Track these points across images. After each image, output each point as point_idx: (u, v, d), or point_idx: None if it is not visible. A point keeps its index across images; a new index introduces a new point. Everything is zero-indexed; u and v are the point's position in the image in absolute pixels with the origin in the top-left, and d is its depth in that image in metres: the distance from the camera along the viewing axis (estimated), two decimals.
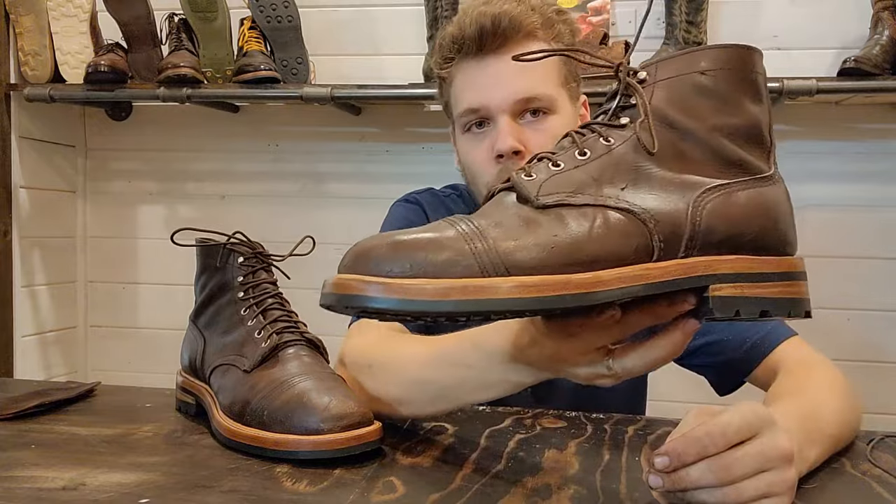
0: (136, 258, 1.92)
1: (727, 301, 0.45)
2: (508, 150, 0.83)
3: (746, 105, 0.48)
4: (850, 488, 0.56)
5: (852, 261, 1.66)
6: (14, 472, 0.56)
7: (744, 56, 0.49)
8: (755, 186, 0.48)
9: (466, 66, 0.86)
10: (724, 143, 0.48)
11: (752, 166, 0.48)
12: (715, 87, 0.48)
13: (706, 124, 0.48)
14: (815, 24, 1.63)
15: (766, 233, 0.47)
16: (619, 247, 0.45)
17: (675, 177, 0.47)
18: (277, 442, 0.59)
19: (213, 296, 0.74)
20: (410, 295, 0.42)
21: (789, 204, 0.50)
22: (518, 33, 0.83)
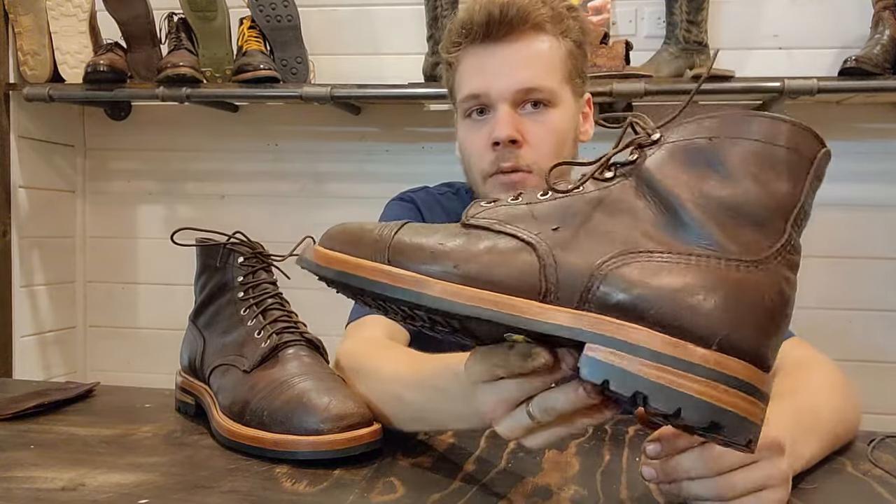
0: (135, 258, 1.92)
1: (595, 365, 0.40)
2: (505, 139, 0.83)
3: (756, 184, 0.42)
4: (850, 488, 0.56)
5: (853, 261, 1.66)
6: (13, 472, 0.56)
7: (780, 131, 0.44)
8: (713, 267, 0.41)
9: (472, 52, 0.87)
10: (701, 217, 0.42)
11: (726, 247, 0.41)
12: (717, 157, 0.43)
13: (689, 193, 0.42)
14: (815, 23, 1.63)
15: (693, 315, 0.40)
16: (513, 276, 0.43)
17: (611, 231, 0.43)
18: (277, 442, 0.59)
19: (212, 296, 0.73)
20: (319, 260, 0.49)
21: (774, 305, 0.41)
22: (525, 24, 0.84)
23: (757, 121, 0.44)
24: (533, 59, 0.84)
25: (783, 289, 0.42)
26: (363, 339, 0.80)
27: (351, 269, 0.47)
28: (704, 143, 0.44)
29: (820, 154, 0.46)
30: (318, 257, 0.49)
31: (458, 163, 0.96)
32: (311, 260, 0.50)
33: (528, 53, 0.85)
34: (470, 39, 0.86)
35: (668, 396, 0.39)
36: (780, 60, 1.64)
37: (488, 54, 0.85)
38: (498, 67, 0.85)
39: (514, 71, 0.84)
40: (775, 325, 0.41)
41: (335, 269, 0.48)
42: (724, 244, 0.41)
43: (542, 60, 0.84)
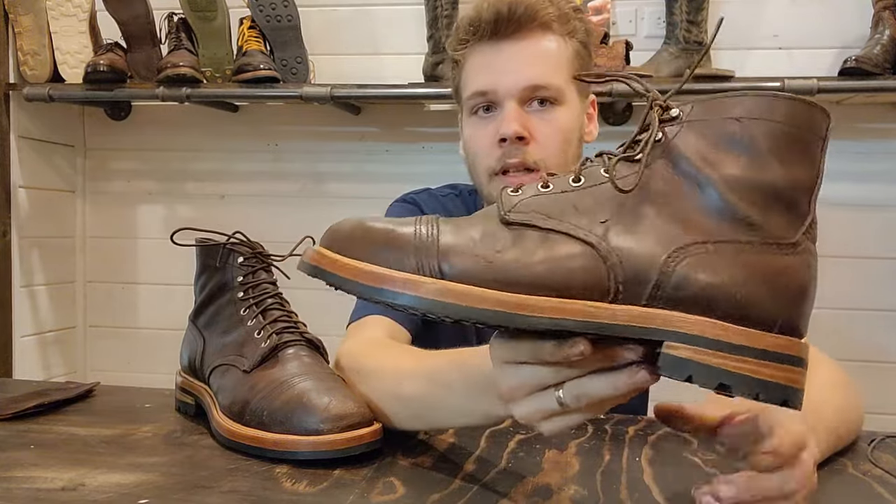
0: (135, 258, 1.92)
1: (678, 363, 0.41)
2: (512, 135, 0.83)
3: (783, 165, 0.44)
4: (850, 488, 0.56)
5: (853, 260, 1.66)
6: (13, 472, 0.56)
7: (798, 112, 0.45)
8: (761, 252, 0.43)
9: (480, 50, 0.87)
10: (736, 199, 0.43)
11: (766, 230, 0.43)
12: (747, 139, 0.44)
13: (723, 176, 0.44)
14: (815, 23, 1.63)
15: (754, 303, 0.42)
16: (567, 278, 0.42)
17: (664, 223, 0.43)
18: (277, 442, 0.59)
19: (212, 296, 0.73)
20: (348, 274, 0.44)
21: (808, 282, 0.44)
22: (533, 22, 0.84)
23: (780, 102, 0.45)
24: (540, 57, 0.85)
25: (812, 264, 0.45)
26: (364, 339, 0.80)
27: (399, 287, 0.42)
28: (732, 123, 0.44)
29: (829, 129, 0.48)
30: (339, 268, 0.44)
31: (460, 162, 0.96)
32: (330, 271, 0.44)
33: (535, 51, 0.85)
34: (478, 37, 0.86)
35: (749, 385, 0.41)
36: (780, 60, 1.64)
37: (496, 52, 0.85)
38: (505, 65, 0.85)
39: (521, 68, 0.84)
40: (811, 299, 0.45)
41: (368, 283, 0.43)
42: (764, 228, 0.43)
43: (550, 59, 0.85)
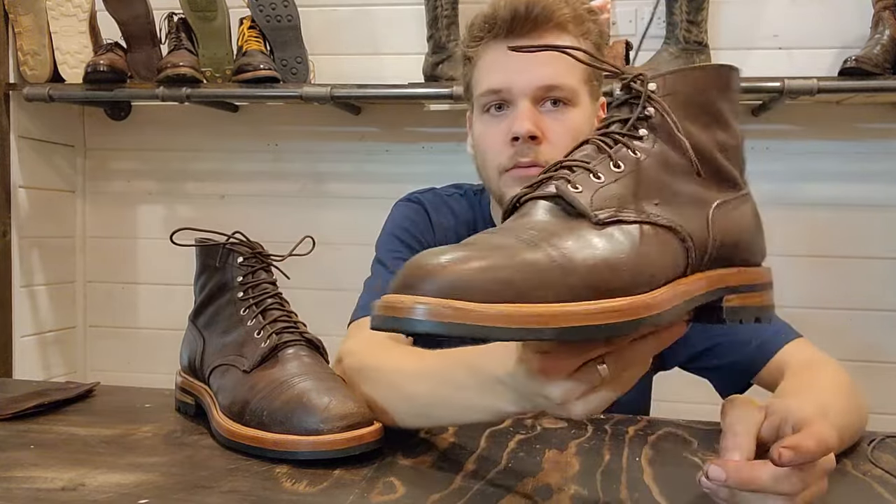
0: (135, 258, 1.92)
1: (737, 311, 0.49)
2: (525, 134, 0.82)
3: (734, 123, 0.52)
4: (850, 488, 0.56)
5: (852, 261, 1.66)
6: (13, 472, 0.56)
7: (729, 75, 0.52)
8: (742, 203, 0.51)
9: (494, 48, 0.87)
10: (721, 159, 0.50)
11: (738, 183, 0.51)
12: (713, 105, 0.50)
13: (710, 140, 0.50)
14: (815, 23, 1.63)
15: (750, 246, 0.51)
16: (669, 264, 0.45)
17: (692, 192, 0.48)
18: (277, 442, 0.59)
19: (212, 296, 0.73)
20: (499, 322, 0.38)
21: (759, 217, 0.53)
22: (549, 22, 0.84)
23: (727, 72, 0.52)
24: (555, 58, 0.83)
25: (754, 202, 0.54)
26: (366, 338, 0.80)
27: (578, 321, 0.39)
28: (700, 94, 0.50)
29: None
30: (517, 318, 0.38)
31: (461, 162, 0.96)
32: (472, 322, 0.38)
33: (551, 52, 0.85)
34: (493, 34, 0.86)
35: (767, 313, 0.51)
36: (780, 60, 1.64)
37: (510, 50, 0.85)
38: (521, 63, 0.84)
39: (536, 68, 0.84)
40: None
41: (560, 326, 0.39)
42: (738, 182, 0.51)
43: (564, 60, 0.84)
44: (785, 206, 1.67)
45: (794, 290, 1.65)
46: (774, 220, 1.67)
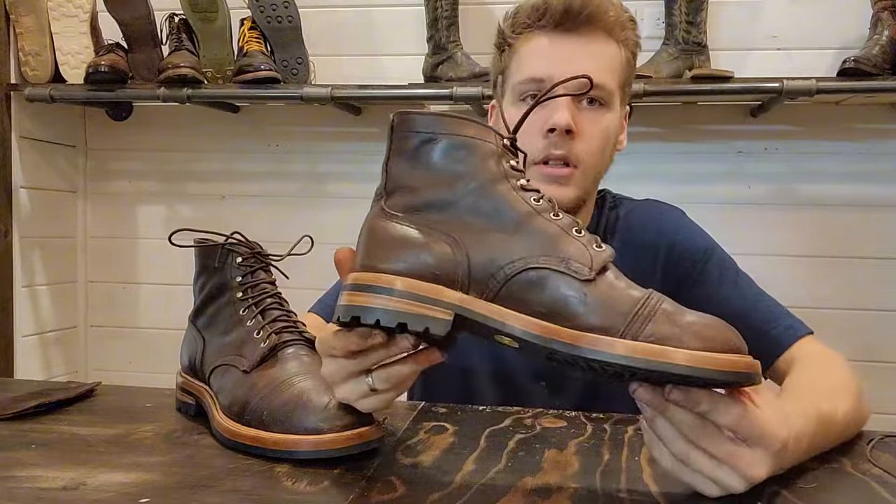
0: (136, 258, 1.92)
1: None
2: (563, 127, 0.82)
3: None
4: (850, 488, 0.56)
5: (852, 261, 1.66)
6: (14, 472, 0.56)
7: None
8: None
9: (540, 38, 0.87)
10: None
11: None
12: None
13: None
14: (815, 24, 1.63)
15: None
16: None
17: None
18: (277, 442, 0.59)
19: (211, 296, 0.73)
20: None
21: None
22: (598, 22, 0.85)
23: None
24: (600, 57, 0.85)
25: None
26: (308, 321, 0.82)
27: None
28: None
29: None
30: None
31: None
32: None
33: (596, 50, 0.85)
34: (541, 25, 0.86)
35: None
36: (779, 61, 1.64)
37: (558, 42, 0.85)
38: (566, 57, 0.84)
39: (581, 64, 0.84)
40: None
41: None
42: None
43: (607, 61, 0.86)
44: (784, 207, 1.67)
45: (794, 290, 1.65)
46: (774, 220, 1.68)
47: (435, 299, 0.50)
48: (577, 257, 0.50)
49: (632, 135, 1.71)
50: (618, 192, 1.03)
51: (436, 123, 0.54)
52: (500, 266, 0.50)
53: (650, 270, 0.92)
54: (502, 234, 0.51)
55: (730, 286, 0.90)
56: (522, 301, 0.49)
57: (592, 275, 0.49)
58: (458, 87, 1.52)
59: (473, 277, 0.50)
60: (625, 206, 0.98)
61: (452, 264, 0.50)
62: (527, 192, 0.54)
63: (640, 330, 0.47)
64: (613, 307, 0.48)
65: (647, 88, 1.46)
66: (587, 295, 0.49)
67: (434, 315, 0.49)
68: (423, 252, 0.51)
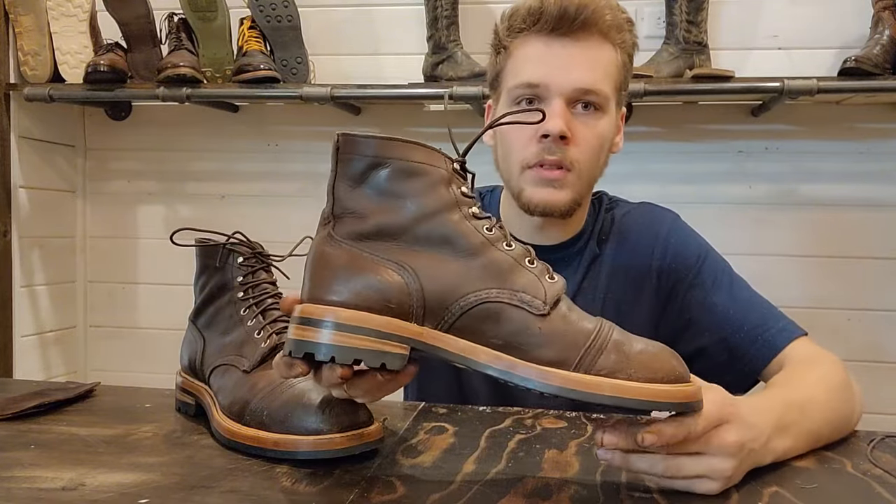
0: (135, 258, 1.92)
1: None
2: (557, 133, 0.82)
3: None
4: (850, 488, 0.56)
5: (852, 261, 1.66)
6: (13, 472, 0.56)
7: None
8: None
9: (535, 41, 0.86)
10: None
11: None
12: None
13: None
14: (815, 23, 1.63)
15: None
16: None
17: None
18: (277, 442, 0.59)
19: (212, 296, 0.73)
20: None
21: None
22: (595, 27, 0.84)
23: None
24: (595, 62, 0.85)
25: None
26: None
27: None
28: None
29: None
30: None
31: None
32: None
33: (591, 55, 0.85)
34: (536, 28, 0.86)
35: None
36: (779, 60, 1.64)
37: (554, 46, 0.85)
38: (561, 62, 0.84)
39: (576, 69, 0.84)
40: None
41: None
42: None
43: (602, 65, 0.85)
44: (784, 207, 1.67)
45: (794, 290, 1.66)
46: (774, 220, 1.68)
47: (390, 333, 0.49)
48: (530, 290, 0.50)
49: (632, 134, 1.72)
50: (614, 195, 1.03)
51: (382, 147, 0.52)
52: (456, 298, 0.50)
53: (645, 273, 0.92)
54: (456, 265, 0.51)
55: (724, 290, 0.90)
56: (478, 332, 0.50)
57: (546, 309, 0.50)
58: (457, 87, 1.52)
59: (428, 308, 0.50)
60: (620, 209, 0.98)
61: (406, 295, 0.50)
62: (479, 221, 0.53)
63: (592, 363, 0.48)
64: (567, 341, 0.49)
65: (648, 88, 1.46)
66: (542, 329, 0.49)
67: (390, 350, 0.49)
68: (375, 282, 0.50)
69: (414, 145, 0.52)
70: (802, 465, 0.61)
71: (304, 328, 0.50)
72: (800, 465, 0.61)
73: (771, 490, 0.54)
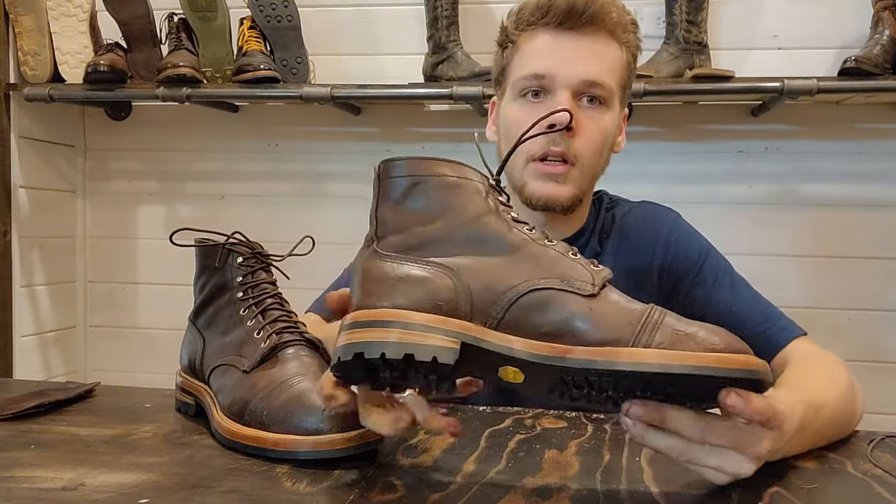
0: (135, 258, 1.92)
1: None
2: (564, 124, 0.82)
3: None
4: (850, 488, 0.56)
5: (852, 261, 1.66)
6: (13, 472, 0.56)
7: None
8: None
9: (542, 35, 0.87)
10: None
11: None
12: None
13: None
14: (815, 23, 1.63)
15: None
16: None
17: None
18: (277, 442, 0.59)
19: (212, 296, 0.73)
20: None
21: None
22: (601, 22, 0.86)
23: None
24: (601, 56, 0.86)
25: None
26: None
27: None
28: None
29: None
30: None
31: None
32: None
33: (598, 50, 0.86)
34: (544, 22, 0.87)
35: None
36: (779, 60, 1.64)
37: (561, 40, 0.86)
38: (569, 54, 0.85)
39: (583, 62, 0.85)
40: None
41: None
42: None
43: (608, 60, 0.87)
44: (784, 207, 1.67)
45: (795, 290, 1.66)
46: (774, 220, 1.68)
47: (440, 328, 0.49)
48: (577, 275, 0.50)
49: (632, 134, 1.72)
50: (615, 194, 1.03)
51: (422, 167, 0.54)
52: (502, 291, 0.49)
53: (646, 272, 0.92)
54: (501, 262, 0.51)
55: (725, 289, 0.90)
56: (527, 324, 0.49)
57: (596, 290, 0.49)
58: (457, 87, 1.52)
59: (476, 307, 0.50)
60: (621, 208, 0.99)
61: (454, 294, 0.50)
62: (519, 224, 0.54)
63: (650, 339, 0.47)
64: (620, 320, 0.48)
65: (648, 88, 1.46)
66: (592, 310, 0.48)
67: (441, 344, 0.48)
68: (424, 285, 0.50)
69: (453, 163, 0.54)
70: (802, 465, 0.61)
71: (355, 331, 0.50)
72: (800, 465, 0.61)
73: (771, 490, 0.54)
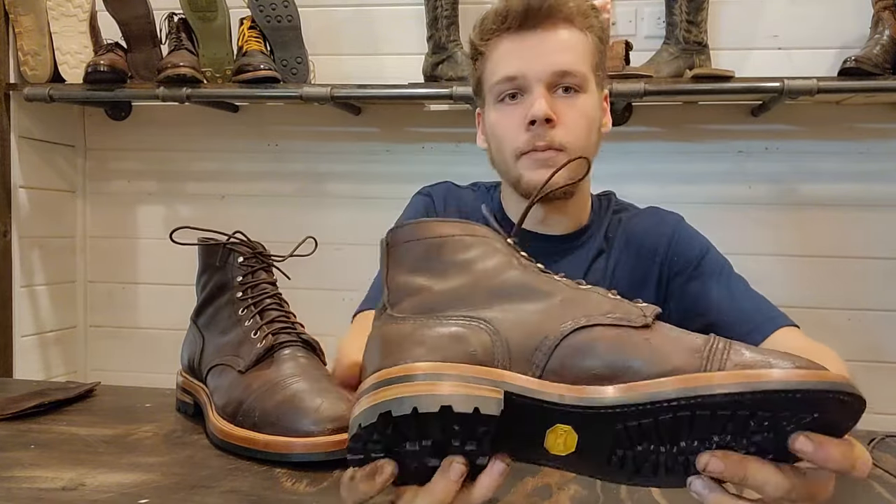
0: (135, 258, 1.92)
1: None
2: (543, 116, 0.85)
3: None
4: (850, 488, 0.56)
5: (852, 261, 1.66)
6: (14, 472, 0.56)
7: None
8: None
9: (508, 39, 0.90)
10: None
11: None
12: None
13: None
14: (815, 23, 1.63)
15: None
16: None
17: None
18: (268, 444, 0.59)
19: (212, 295, 0.73)
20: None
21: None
22: (559, 14, 0.88)
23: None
24: (566, 46, 0.89)
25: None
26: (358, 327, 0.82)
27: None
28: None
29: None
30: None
31: (461, 163, 0.98)
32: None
33: (562, 40, 0.89)
34: (505, 27, 0.90)
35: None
36: (779, 60, 1.64)
37: (525, 39, 0.89)
38: (535, 51, 0.88)
39: (550, 55, 0.88)
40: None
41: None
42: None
43: (574, 48, 0.89)
44: (785, 207, 1.67)
45: (794, 290, 1.65)
46: (774, 220, 1.68)
47: (480, 377, 0.41)
48: (623, 310, 0.44)
49: (632, 134, 1.72)
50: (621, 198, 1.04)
51: (432, 229, 0.48)
52: (545, 335, 0.43)
53: (648, 271, 0.95)
54: (535, 306, 0.45)
55: (722, 283, 0.92)
56: (576, 368, 0.42)
57: (649, 320, 0.43)
58: (457, 87, 1.52)
59: (514, 356, 0.43)
60: (627, 213, 1.02)
61: (489, 344, 0.43)
62: (548, 273, 0.48)
63: (724, 362, 0.40)
64: (681, 350, 0.41)
65: (648, 88, 1.46)
66: (649, 341, 0.42)
67: (483, 394, 0.41)
68: (454, 338, 0.44)
69: (462, 223, 0.49)
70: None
71: (378, 391, 0.42)
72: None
73: None
